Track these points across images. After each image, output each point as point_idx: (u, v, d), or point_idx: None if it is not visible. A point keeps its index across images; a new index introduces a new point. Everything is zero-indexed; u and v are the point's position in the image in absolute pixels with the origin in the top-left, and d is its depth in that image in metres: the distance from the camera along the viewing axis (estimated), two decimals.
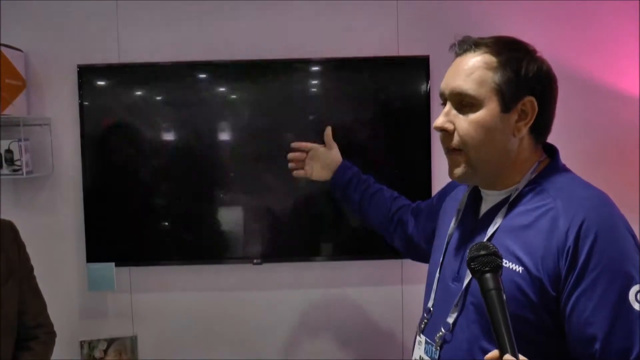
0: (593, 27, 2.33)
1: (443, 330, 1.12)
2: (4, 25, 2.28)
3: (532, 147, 1.13)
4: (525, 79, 1.07)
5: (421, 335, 1.20)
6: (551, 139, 1.18)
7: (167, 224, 2.34)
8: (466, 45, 1.12)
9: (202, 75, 2.30)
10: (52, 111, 2.35)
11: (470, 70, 1.08)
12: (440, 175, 2.27)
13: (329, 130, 1.67)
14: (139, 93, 2.31)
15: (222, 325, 2.42)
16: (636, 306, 0.95)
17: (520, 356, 0.85)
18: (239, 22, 2.33)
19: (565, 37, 2.32)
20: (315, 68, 2.29)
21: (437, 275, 1.20)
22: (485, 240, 1.09)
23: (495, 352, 0.87)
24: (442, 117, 1.12)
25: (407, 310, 2.41)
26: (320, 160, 1.65)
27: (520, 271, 1.02)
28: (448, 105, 1.12)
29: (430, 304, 1.20)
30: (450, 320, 1.11)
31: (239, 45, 2.33)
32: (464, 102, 1.09)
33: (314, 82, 2.31)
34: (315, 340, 2.43)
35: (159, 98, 2.31)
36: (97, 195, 2.30)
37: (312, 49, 2.30)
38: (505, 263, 1.02)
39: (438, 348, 1.13)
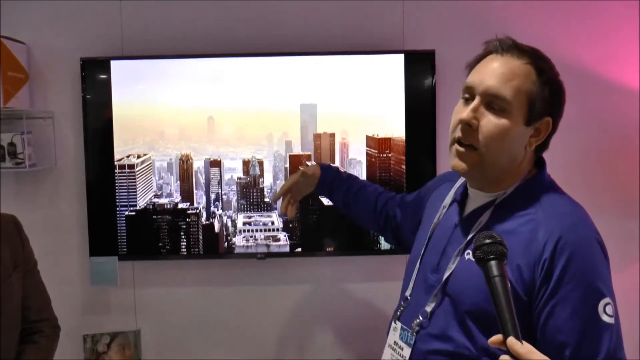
0: (593, 19, 2.31)
1: (421, 317, 1.18)
2: (7, 18, 2.26)
3: (532, 159, 1.18)
4: (552, 102, 1.12)
5: (397, 322, 1.25)
6: None
7: (170, 218, 2.32)
8: (508, 46, 1.12)
9: (206, 69, 2.28)
10: (54, 104, 2.34)
11: (511, 76, 1.09)
12: (446, 168, 2.28)
13: (306, 168, 1.68)
14: (142, 86, 2.29)
15: (225, 320, 2.42)
16: (604, 317, 1.03)
17: (524, 342, 0.89)
18: (244, 15, 2.31)
19: (566, 29, 2.30)
20: (321, 62, 2.26)
21: (418, 266, 1.25)
22: (468, 239, 1.15)
23: (498, 336, 0.91)
24: (471, 112, 1.11)
25: None
26: (303, 187, 1.68)
27: None
28: (477, 101, 1.11)
29: (408, 293, 1.26)
30: (429, 309, 1.17)
31: (244, 39, 2.31)
32: (494, 104, 1.10)
33: (318, 75, 2.28)
34: (318, 335, 2.42)
35: (162, 91, 2.29)
36: (99, 188, 2.29)
37: (317, 42, 2.29)
38: None
39: (414, 334, 1.19)
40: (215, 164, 2.32)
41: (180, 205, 2.33)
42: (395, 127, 2.27)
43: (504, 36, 1.14)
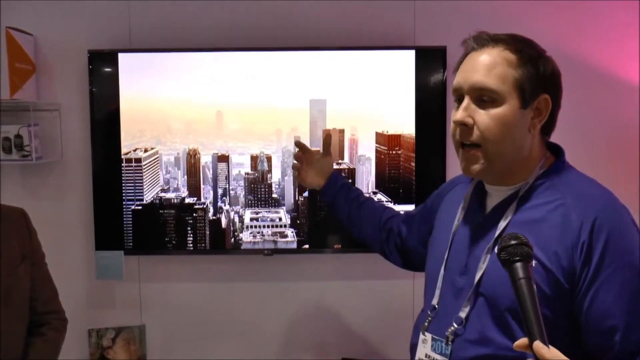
0: (598, 17, 2.30)
1: (455, 325, 1.13)
2: (14, 9, 2.24)
3: (540, 143, 1.16)
4: (543, 78, 1.11)
5: (426, 334, 1.20)
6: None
7: (177, 212, 2.31)
8: (483, 40, 1.13)
9: (214, 62, 2.26)
10: (61, 96, 2.32)
11: (491, 66, 1.09)
12: (456, 168, 2.27)
13: (328, 138, 1.68)
14: (150, 80, 2.27)
15: (231, 316, 2.40)
16: None
17: (551, 346, 0.87)
18: (254, 9, 2.29)
19: (573, 26, 2.29)
20: (331, 57, 2.24)
21: (442, 271, 1.21)
22: (497, 234, 1.11)
23: (524, 340, 0.88)
24: (462, 111, 1.11)
25: (417, 305, 2.38)
26: (315, 166, 1.64)
27: (534, 265, 1.02)
28: (467, 100, 1.12)
29: (435, 301, 1.21)
30: (463, 314, 1.13)
31: (254, 33, 2.29)
32: (484, 97, 1.10)
33: (328, 71, 2.26)
34: (324, 333, 2.41)
35: (170, 85, 2.27)
36: (106, 182, 2.28)
37: (327, 37, 2.27)
38: None
39: (450, 343, 1.14)
40: (223, 158, 2.30)
41: (187, 200, 2.31)
42: (405, 124, 2.25)
43: (476, 32, 1.15)
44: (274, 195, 2.32)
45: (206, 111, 2.27)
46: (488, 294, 1.10)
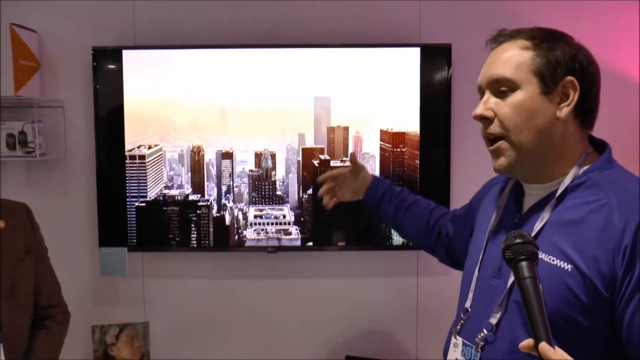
0: (600, 14, 2.29)
1: (485, 331, 1.07)
2: (19, 5, 2.24)
3: (578, 135, 1.08)
4: (563, 59, 1.05)
5: (457, 337, 1.15)
6: None
7: (181, 209, 2.30)
8: (502, 37, 1.11)
9: (219, 59, 2.25)
10: (65, 93, 2.32)
11: (507, 57, 1.07)
12: (460, 165, 2.27)
13: (353, 155, 1.63)
14: (154, 77, 2.27)
15: (234, 313, 2.40)
16: None
17: (557, 348, 0.83)
18: (259, 6, 2.29)
19: (575, 22, 2.24)
20: (335, 54, 2.23)
21: (476, 273, 1.15)
22: (532, 236, 1.03)
23: (530, 341, 0.85)
24: (481, 105, 1.09)
25: (422, 302, 2.39)
26: (349, 185, 1.62)
27: (570, 269, 0.97)
28: (487, 94, 1.09)
29: (468, 304, 1.15)
30: (494, 320, 1.06)
31: (258, 30, 2.29)
32: (502, 88, 1.06)
33: (333, 68, 2.26)
34: (327, 330, 2.41)
35: (174, 82, 2.26)
36: (110, 179, 2.28)
37: (332, 35, 2.26)
38: (553, 260, 0.99)
39: (479, 350, 1.08)
40: (227, 155, 2.30)
41: (191, 197, 2.31)
42: (409, 122, 2.25)
43: (497, 31, 1.13)
44: (278, 193, 2.32)
45: (210, 108, 2.27)
46: (520, 300, 0.99)
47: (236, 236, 2.32)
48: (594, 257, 0.95)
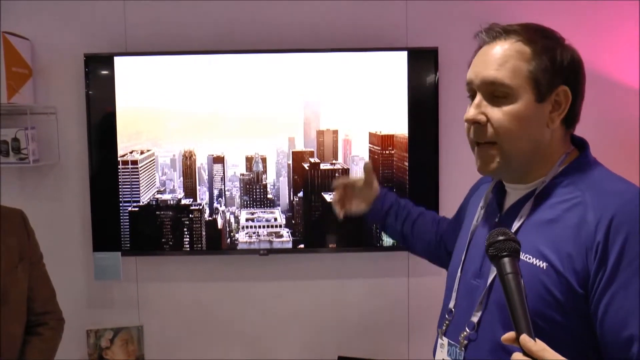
0: (595, 17, 2.31)
1: (467, 330, 1.08)
2: (11, 13, 2.26)
3: (563, 137, 1.09)
4: (560, 68, 1.04)
5: (443, 338, 1.15)
6: None
7: (173, 214, 2.33)
8: (494, 32, 1.07)
9: (209, 65, 2.28)
10: (58, 100, 2.34)
11: (503, 59, 1.03)
12: (449, 167, 2.30)
13: (368, 165, 1.54)
14: (145, 82, 2.29)
15: (228, 316, 2.43)
16: None
17: (537, 340, 0.85)
18: (248, 12, 2.32)
19: (567, 26, 2.15)
20: (324, 59, 2.27)
21: (459, 274, 1.16)
22: None
23: (511, 334, 0.86)
24: (474, 109, 1.06)
25: (413, 302, 2.41)
26: (358, 195, 1.55)
27: (545, 267, 0.98)
28: (478, 97, 1.06)
29: (451, 305, 1.16)
30: (475, 319, 1.07)
31: (248, 36, 2.32)
32: (496, 93, 1.04)
33: (322, 72, 2.29)
34: (320, 331, 2.43)
35: (165, 87, 2.29)
36: (103, 184, 2.30)
37: (321, 40, 2.29)
38: (529, 259, 1.01)
39: (463, 349, 1.08)
40: (219, 160, 2.32)
41: (183, 201, 2.33)
42: (398, 124, 2.27)
43: (489, 24, 1.10)
44: (269, 196, 2.34)
45: (201, 113, 2.29)
46: (500, 299, 0.99)
47: (228, 239, 2.34)
48: (568, 255, 0.96)
